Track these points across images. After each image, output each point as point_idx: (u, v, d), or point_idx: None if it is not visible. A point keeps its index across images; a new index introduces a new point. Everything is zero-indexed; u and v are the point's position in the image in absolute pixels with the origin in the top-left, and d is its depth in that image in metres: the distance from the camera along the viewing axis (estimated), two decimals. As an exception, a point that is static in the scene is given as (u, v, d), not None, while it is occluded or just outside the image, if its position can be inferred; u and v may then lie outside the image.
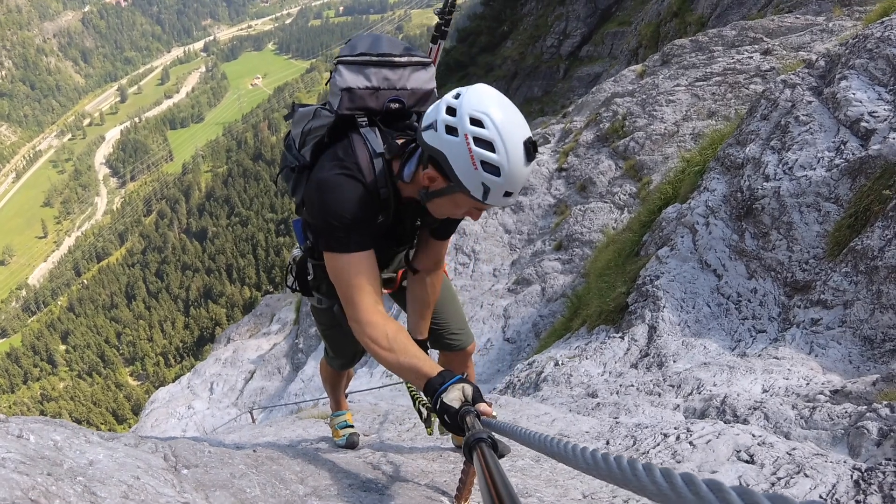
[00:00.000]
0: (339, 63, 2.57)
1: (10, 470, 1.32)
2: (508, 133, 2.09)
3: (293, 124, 2.78)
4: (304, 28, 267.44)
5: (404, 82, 2.59)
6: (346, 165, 2.39)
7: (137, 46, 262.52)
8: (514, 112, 2.18)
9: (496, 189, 2.14)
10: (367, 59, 2.54)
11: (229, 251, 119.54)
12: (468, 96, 2.17)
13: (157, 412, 21.32)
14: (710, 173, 7.24)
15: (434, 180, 2.27)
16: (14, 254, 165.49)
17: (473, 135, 2.10)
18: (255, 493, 2.00)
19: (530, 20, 45.37)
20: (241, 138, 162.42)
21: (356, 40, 2.65)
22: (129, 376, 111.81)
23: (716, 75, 12.51)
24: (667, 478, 0.76)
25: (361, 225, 2.36)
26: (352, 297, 2.34)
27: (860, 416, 3.32)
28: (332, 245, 2.37)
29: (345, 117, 2.51)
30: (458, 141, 2.12)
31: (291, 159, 2.76)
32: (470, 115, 2.12)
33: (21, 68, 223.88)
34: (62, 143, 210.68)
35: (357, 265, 2.35)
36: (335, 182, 2.36)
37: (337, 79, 2.54)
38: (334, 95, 2.55)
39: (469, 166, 2.12)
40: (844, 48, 6.45)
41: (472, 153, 2.10)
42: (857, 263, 4.68)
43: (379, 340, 2.26)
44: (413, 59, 2.62)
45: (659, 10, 24.98)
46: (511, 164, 2.09)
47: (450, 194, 2.26)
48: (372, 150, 2.41)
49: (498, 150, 2.08)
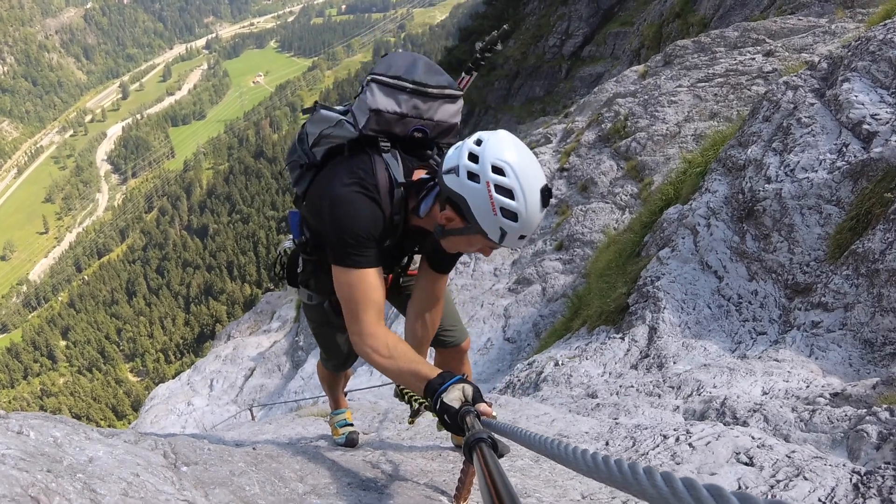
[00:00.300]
0: (373, 81, 2.57)
1: (10, 467, 1.32)
2: (527, 181, 2.17)
3: (311, 122, 2.77)
4: (306, 26, 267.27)
5: (432, 113, 2.62)
6: (366, 186, 2.42)
7: (140, 43, 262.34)
8: (532, 160, 2.26)
9: (512, 233, 2.23)
10: (402, 85, 2.55)
11: (230, 248, 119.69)
12: (490, 144, 2.23)
13: (156, 408, 21.33)
14: (711, 174, 7.24)
15: (451, 220, 2.33)
16: (15, 249, 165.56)
17: (495, 182, 2.17)
18: (254, 491, 2.00)
19: (533, 20, 45.36)
20: (243, 136, 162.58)
21: (393, 58, 2.66)
22: (130, 372, 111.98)
23: (718, 76, 12.51)
24: (668, 482, 0.76)
25: (374, 244, 2.41)
26: (356, 311, 2.39)
27: (860, 419, 3.32)
28: (342, 260, 2.41)
29: (368, 137, 2.53)
30: (479, 187, 2.20)
31: (301, 154, 2.77)
32: (492, 162, 2.19)
33: (23, 64, 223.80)
34: (64, 140, 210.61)
35: (365, 281, 2.39)
36: (353, 199, 2.40)
37: (368, 97, 2.54)
38: (361, 112, 2.55)
39: (489, 212, 2.20)
40: (847, 50, 6.45)
41: (492, 200, 2.18)
42: (858, 266, 4.67)
43: (379, 349, 2.31)
44: (445, 91, 2.64)
45: (661, 10, 24.96)
46: (528, 211, 2.18)
47: (466, 234, 2.33)
48: (394, 179, 2.46)
49: (517, 198, 2.16)
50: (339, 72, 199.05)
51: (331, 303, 3.03)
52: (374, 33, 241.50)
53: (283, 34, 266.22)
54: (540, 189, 2.20)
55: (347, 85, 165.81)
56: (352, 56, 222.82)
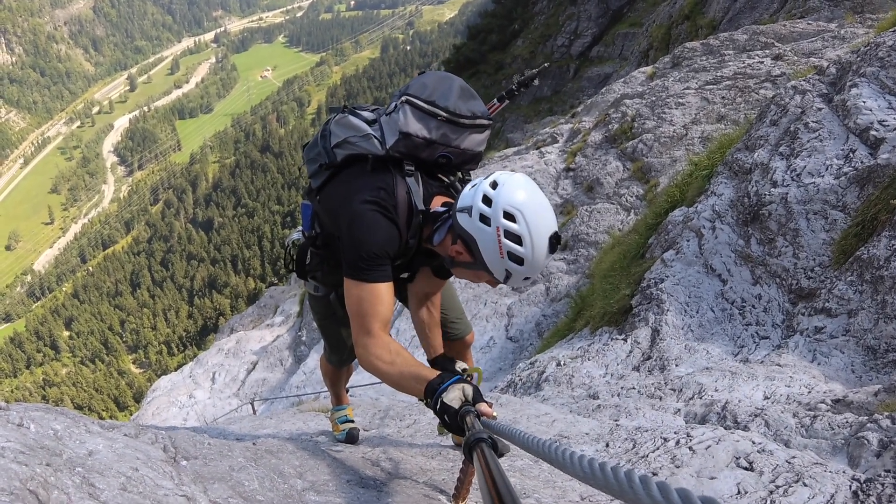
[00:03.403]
0: (407, 103, 2.59)
1: (9, 460, 1.32)
2: (537, 230, 2.22)
3: (338, 124, 2.77)
4: (314, 21, 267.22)
5: (459, 142, 2.65)
6: (386, 206, 2.46)
7: (148, 36, 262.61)
8: (545, 207, 2.30)
9: (517, 275, 2.29)
10: (436, 112, 2.58)
11: (235, 242, 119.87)
12: (505, 189, 2.27)
13: (158, 400, 21.37)
14: (717, 177, 7.22)
15: (461, 254, 2.39)
16: (20, 239, 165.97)
17: (505, 228, 2.22)
18: (253, 487, 2.01)
19: (541, 19, 45.31)
20: (250, 130, 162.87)
21: (429, 78, 2.69)
22: (132, 364, 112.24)
23: (726, 79, 12.47)
24: (663, 492, 0.76)
25: (388, 261, 2.47)
26: (365, 322, 2.42)
27: (861, 426, 3.31)
28: (356, 274, 2.44)
29: (394, 158, 2.57)
30: (489, 231, 2.25)
31: (322, 152, 2.78)
32: (504, 209, 2.23)
33: (31, 55, 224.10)
34: (71, 131, 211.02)
35: (376, 296, 2.43)
36: (372, 218, 2.44)
37: (400, 118, 2.57)
38: (391, 132, 2.58)
39: (497, 255, 2.26)
40: (856, 56, 6.43)
41: (500, 244, 2.24)
42: (863, 272, 4.66)
43: (382, 356, 2.34)
44: (476, 122, 2.67)
45: (671, 12, 24.93)
46: (535, 256, 2.23)
47: (474, 269, 2.39)
48: (414, 204, 2.51)
49: (525, 245, 2.22)
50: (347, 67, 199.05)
51: (337, 294, 3.07)
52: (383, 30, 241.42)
53: (291, 29, 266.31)
54: (549, 236, 2.24)
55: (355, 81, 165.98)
56: (360, 52, 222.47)
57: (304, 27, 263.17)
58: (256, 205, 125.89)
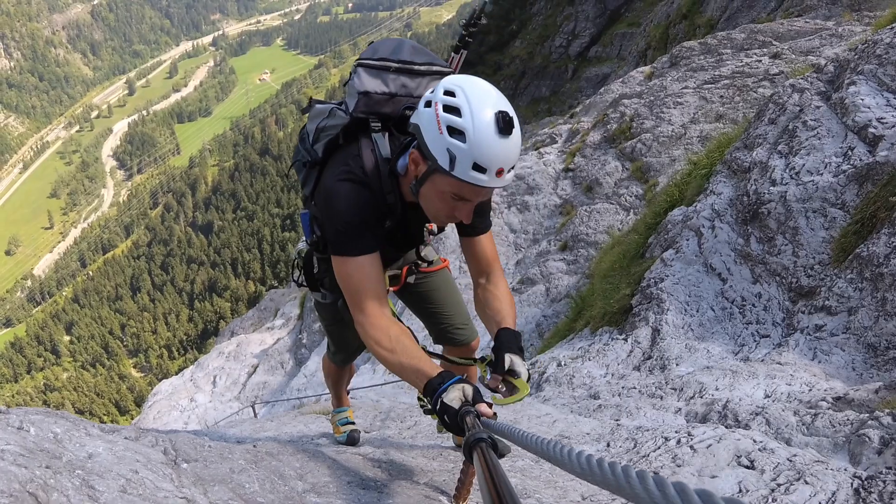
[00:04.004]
0: (359, 65, 2.59)
1: (9, 462, 1.32)
2: (478, 102, 2.12)
3: (309, 119, 2.79)
4: (312, 24, 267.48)
5: (421, 90, 2.60)
6: (352, 171, 2.42)
7: (146, 40, 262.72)
8: (496, 92, 2.20)
9: (462, 157, 2.12)
10: (387, 65, 2.56)
11: (235, 245, 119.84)
12: (452, 76, 2.26)
13: (159, 404, 21.37)
14: (716, 176, 7.22)
15: (417, 164, 2.29)
16: (20, 244, 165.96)
17: (443, 102, 2.15)
18: (253, 489, 2.01)
19: (539, 20, 45.35)
20: (249, 133, 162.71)
21: (379, 44, 2.67)
22: (133, 368, 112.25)
23: (724, 78, 12.48)
24: (659, 486, 0.76)
25: (366, 229, 2.40)
26: (357, 300, 2.38)
27: (862, 423, 3.31)
28: (338, 249, 2.41)
29: (358, 120, 2.53)
30: (430, 111, 2.18)
31: (304, 153, 2.79)
32: (445, 87, 2.20)
33: (30, 60, 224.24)
34: (70, 135, 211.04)
35: (362, 269, 2.38)
36: (339, 189, 2.41)
37: (355, 81, 2.57)
38: (351, 97, 2.57)
39: (436, 132, 2.15)
40: (853, 53, 6.43)
41: (438, 118, 2.15)
42: (863, 270, 4.66)
43: (381, 342, 2.29)
44: (433, 67, 2.64)
45: (668, 11, 24.96)
46: (477, 131, 2.09)
47: (430, 177, 2.26)
48: (379, 155, 2.44)
49: (464, 115, 2.10)
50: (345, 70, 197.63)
51: (344, 301, 3.04)
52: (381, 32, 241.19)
53: (289, 32, 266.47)
54: (495, 112, 2.11)
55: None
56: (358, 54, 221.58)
57: (302, 30, 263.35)
58: (256, 208, 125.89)
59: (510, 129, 2.11)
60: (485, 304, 2.68)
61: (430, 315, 3.30)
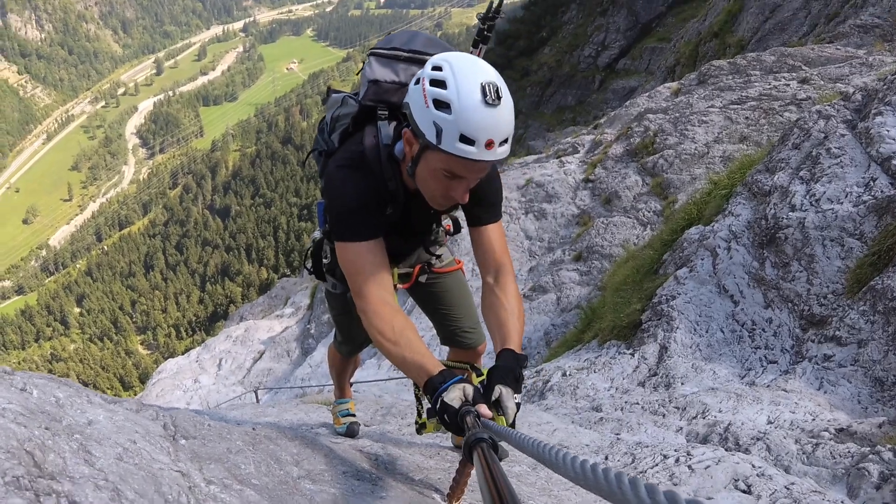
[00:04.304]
0: (371, 55, 2.61)
1: (9, 420, 1.33)
2: (464, 74, 2.09)
3: (326, 108, 2.81)
4: (343, 17, 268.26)
5: None
6: (352, 157, 2.42)
7: (177, 21, 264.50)
8: (486, 65, 2.17)
9: (448, 129, 2.08)
10: (398, 55, 2.57)
11: (250, 231, 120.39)
12: (442, 53, 2.24)
13: (163, 382, 21.50)
14: (736, 198, 7.19)
15: (412, 144, 2.26)
16: (38, 214, 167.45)
17: (430, 77, 2.13)
18: (249, 470, 2.02)
19: (570, 28, 45.36)
20: (273, 121, 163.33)
21: (393, 35, 2.69)
22: (140, 345, 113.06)
23: (751, 100, 12.42)
24: (651, 494, 0.76)
25: (367, 215, 2.38)
26: (360, 287, 2.36)
27: (863, 457, 3.29)
28: (339, 235, 2.40)
29: (367, 108, 2.53)
30: (418, 87, 2.16)
31: (321, 143, 2.80)
32: (433, 62, 2.18)
33: (60, 32, 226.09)
34: (95, 110, 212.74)
35: (364, 255, 2.36)
36: (339, 175, 2.41)
37: (367, 70, 2.58)
38: (363, 86, 2.58)
39: (423, 106, 2.13)
40: (882, 83, 6.38)
41: (425, 93, 2.12)
42: (876, 303, 4.62)
43: (385, 332, 2.27)
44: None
45: (700, 29, 24.87)
46: (462, 101, 2.05)
47: (422, 155, 2.23)
48: (380, 141, 2.42)
49: (450, 87, 2.07)
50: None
51: None
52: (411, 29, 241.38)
53: (320, 23, 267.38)
54: (481, 82, 2.07)
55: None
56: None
57: (332, 22, 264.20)
58: (274, 196, 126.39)
59: (497, 99, 2.07)
60: (491, 310, 2.56)
61: (439, 316, 3.29)
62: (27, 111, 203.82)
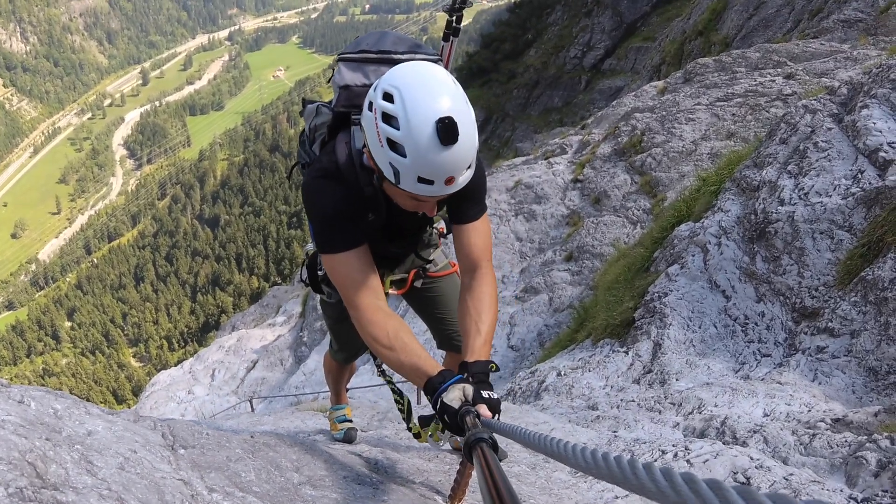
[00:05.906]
0: (340, 60, 2.56)
1: (10, 432, 1.33)
2: (416, 109, 1.91)
3: (304, 119, 2.76)
4: (329, 23, 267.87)
5: None
6: (325, 167, 2.36)
7: (162, 31, 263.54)
8: (439, 87, 1.97)
9: (406, 172, 1.98)
10: (367, 56, 2.51)
11: (240, 240, 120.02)
12: (395, 69, 2.04)
13: (157, 395, 21.40)
14: (725, 194, 7.22)
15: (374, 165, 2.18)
16: (26, 228, 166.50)
17: (381, 110, 1.97)
18: (249, 478, 2.01)
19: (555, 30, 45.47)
20: (260, 129, 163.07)
21: (362, 37, 2.63)
22: (132, 357, 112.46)
23: (737, 96, 12.48)
24: (667, 477, 0.76)
25: (346, 224, 2.33)
26: (350, 296, 2.34)
27: (860, 445, 3.30)
28: (323, 246, 2.38)
29: (341, 114, 2.46)
30: (370, 116, 2.02)
31: (303, 155, 2.77)
32: (384, 88, 1.99)
33: (46, 45, 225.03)
34: (82, 122, 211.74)
35: (349, 263, 2.34)
36: (314, 186, 2.36)
37: (337, 76, 2.53)
38: (335, 92, 2.53)
39: (377, 144, 2.01)
40: (867, 77, 6.43)
41: (378, 129, 1.99)
42: (867, 294, 4.65)
43: (380, 338, 2.25)
44: (417, 55, 2.53)
45: (684, 27, 24.99)
46: (416, 144, 1.92)
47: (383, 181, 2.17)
48: (353, 148, 2.35)
49: (401, 128, 1.92)
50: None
51: None
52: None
53: (305, 30, 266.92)
54: (436, 119, 1.89)
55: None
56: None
57: (318, 29, 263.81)
58: (263, 204, 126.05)
59: (454, 138, 1.91)
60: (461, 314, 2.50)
61: (435, 320, 3.27)
62: (13, 124, 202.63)
